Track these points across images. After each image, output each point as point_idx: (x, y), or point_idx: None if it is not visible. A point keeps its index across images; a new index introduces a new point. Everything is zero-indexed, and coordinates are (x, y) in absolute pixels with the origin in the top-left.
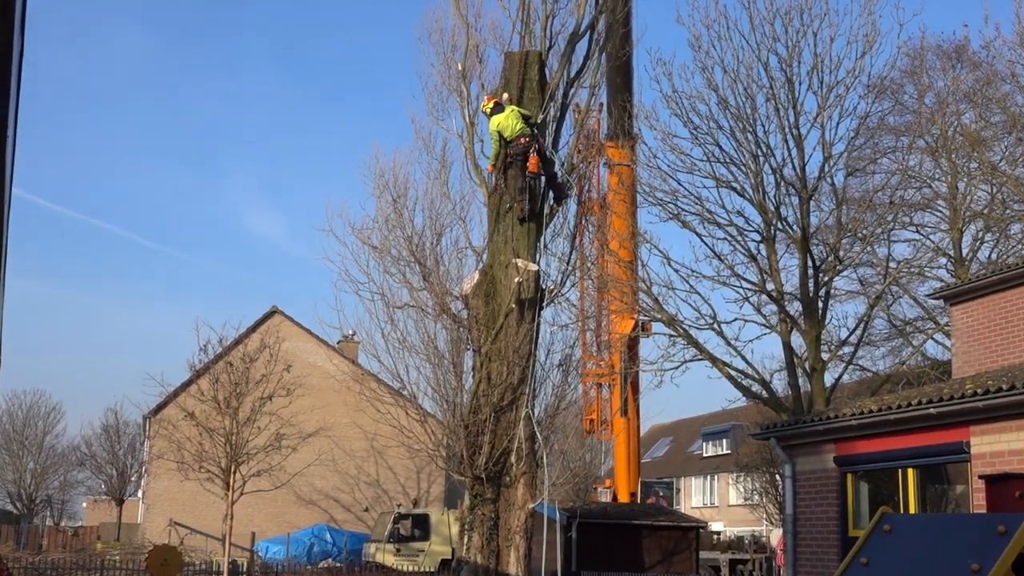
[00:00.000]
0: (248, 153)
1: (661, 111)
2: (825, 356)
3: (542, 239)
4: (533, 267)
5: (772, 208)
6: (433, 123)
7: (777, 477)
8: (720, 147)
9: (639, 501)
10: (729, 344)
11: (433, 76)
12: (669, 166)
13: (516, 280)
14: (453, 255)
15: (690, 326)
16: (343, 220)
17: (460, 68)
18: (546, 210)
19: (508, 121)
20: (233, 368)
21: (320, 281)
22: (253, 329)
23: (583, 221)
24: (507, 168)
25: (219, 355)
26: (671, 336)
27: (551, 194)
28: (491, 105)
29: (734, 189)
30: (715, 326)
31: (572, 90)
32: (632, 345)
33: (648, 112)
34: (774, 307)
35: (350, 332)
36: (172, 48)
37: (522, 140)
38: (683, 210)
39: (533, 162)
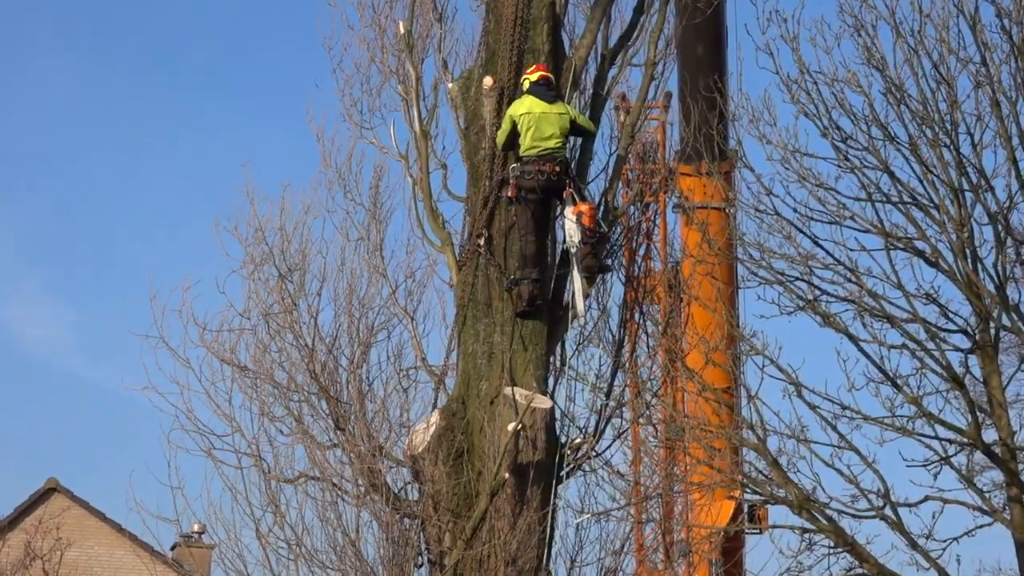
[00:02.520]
0: (6, 190)
1: (780, 108)
2: None
3: (559, 349)
4: (543, 403)
5: (991, 288)
6: (355, 136)
7: None
8: (891, 175)
9: None
10: (915, 546)
11: (354, 49)
12: (796, 210)
13: (511, 427)
14: (392, 382)
15: (840, 512)
16: (184, 318)
17: (402, 32)
18: (566, 295)
19: (546, 124)
20: None
21: (141, 431)
22: (15, 521)
23: (636, 315)
24: (490, 213)
25: None
26: (804, 532)
27: (575, 264)
28: (534, 78)
29: (919, 253)
30: (887, 512)
31: (612, 70)
32: (731, 549)
33: (755, 109)
34: (998, 474)
35: (196, 529)
36: None
37: (549, 167)
38: (824, 292)
39: (588, 213)
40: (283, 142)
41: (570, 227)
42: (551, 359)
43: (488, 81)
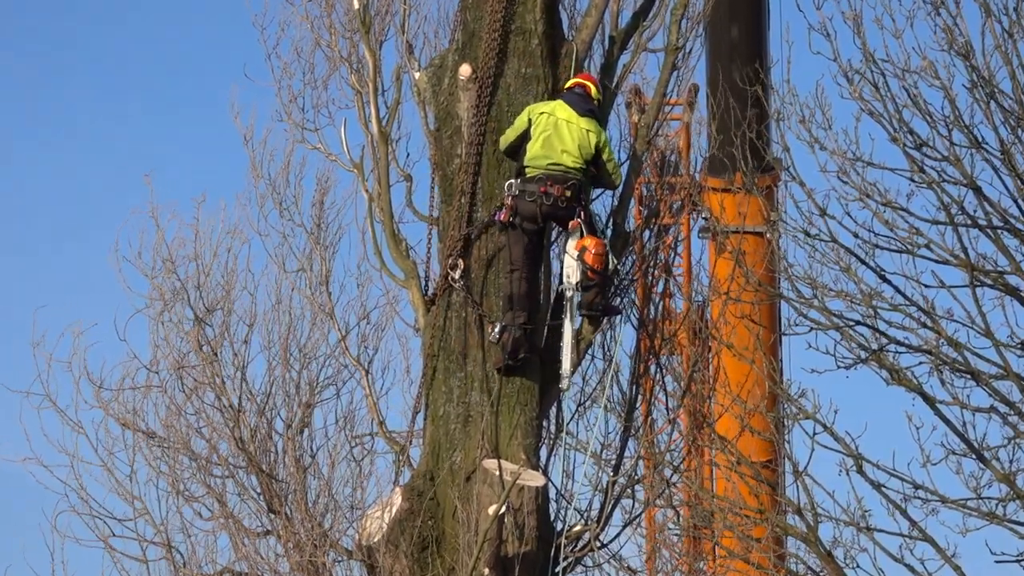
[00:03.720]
0: None
1: (837, 106)
2: None
3: (554, 411)
4: (534, 479)
5: None
6: (294, 139)
7: None
8: (978, 191)
9: None
10: None
11: (294, 29)
12: (858, 236)
13: (493, 510)
14: (341, 452)
15: None
16: (76, 370)
17: (356, 7)
18: (565, 344)
19: (567, 134)
20: None
21: (20, 514)
22: None
23: (652, 368)
24: (466, 239)
25: None
26: None
27: (568, 312)
28: (571, 83)
29: (1012, 291)
30: None
31: (623, 56)
32: None
33: (806, 107)
34: None
35: None
36: None
37: (557, 190)
38: (892, 340)
39: (594, 250)
40: (199, 149)
41: (569, 265)
42: (544, 424)
43: (465, 70)
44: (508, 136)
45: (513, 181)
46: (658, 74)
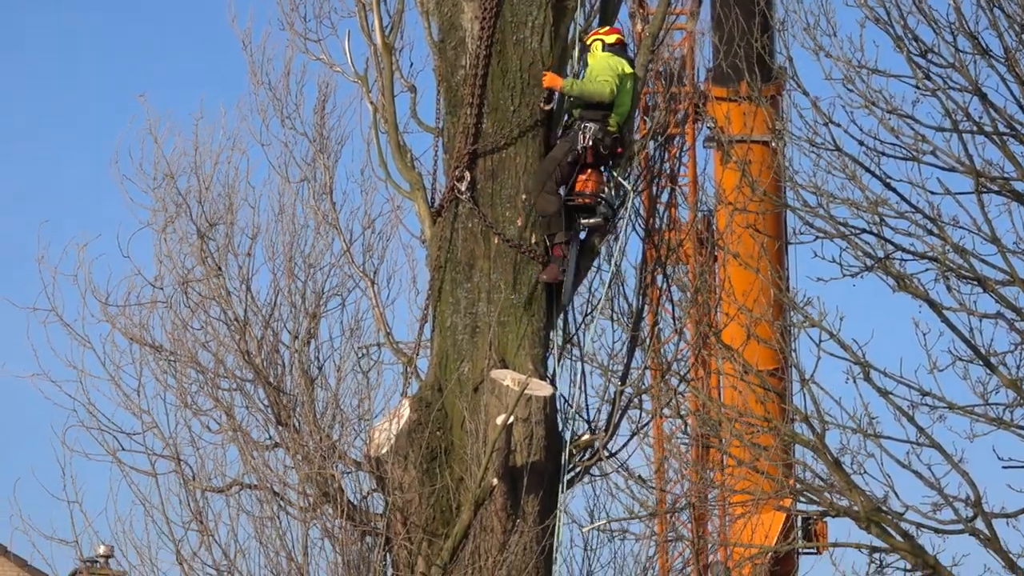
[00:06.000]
0: None
1: (841, 12)
2: None
3: (562, 321)
4: (541, 389)
5: None
6: (295, 48)
7: None
8: (983, 97)
9: None
10: (1014, 568)
11: None
12: (863, 144)
13: (501, 420)
14: (348, 364)
15: (919, 526)
16: (81, 285)
17: None
18: (567, 248)
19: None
20: None
21: (28, 429)
22: None
23: (658, 278)
24: (472, 153)
25: None
26: (873, 551)
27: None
28: (610, 40)
29: (1018, 196)
30: (979, 524)
31: None
32: (781, 573)
33: (811, 15)
34: None
35: (100, 552)
36: None
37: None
38: (898, 248)
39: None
40: (198, 53)
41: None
42: (551, 334)
43: None
44: (613, 87)
45: (591, 125)
46: None
